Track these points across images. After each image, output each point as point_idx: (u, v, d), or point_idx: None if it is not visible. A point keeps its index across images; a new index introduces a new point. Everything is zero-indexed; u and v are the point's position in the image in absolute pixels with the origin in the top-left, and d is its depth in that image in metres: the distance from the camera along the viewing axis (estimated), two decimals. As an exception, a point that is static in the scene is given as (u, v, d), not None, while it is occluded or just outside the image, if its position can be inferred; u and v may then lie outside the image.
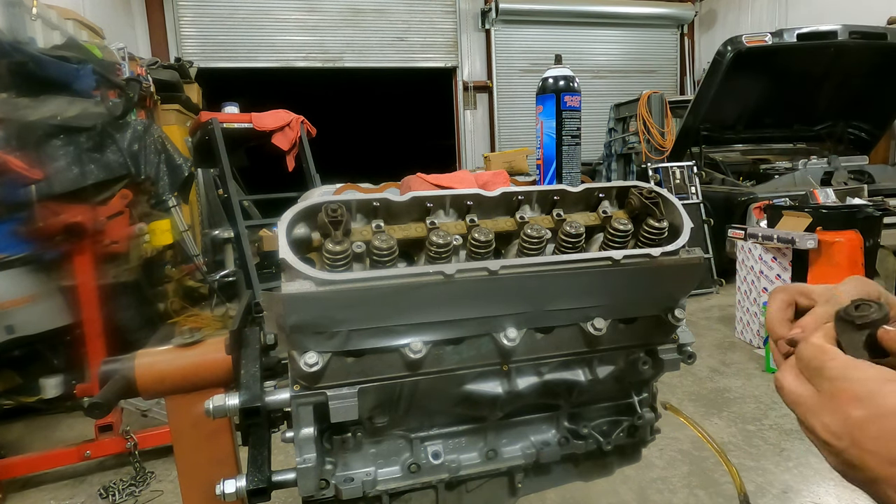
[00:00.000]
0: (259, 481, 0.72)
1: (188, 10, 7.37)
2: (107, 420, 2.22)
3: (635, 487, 2.01)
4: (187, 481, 0.93)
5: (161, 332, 3.36)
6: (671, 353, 0.84)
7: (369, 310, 0.65)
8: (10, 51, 2.48)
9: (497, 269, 0.67)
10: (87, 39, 4.09)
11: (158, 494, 2.13)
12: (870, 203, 3.35)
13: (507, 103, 8.56)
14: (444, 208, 0.76)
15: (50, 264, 2.39)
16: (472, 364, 0.75)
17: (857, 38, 4.79)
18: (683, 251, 0.74)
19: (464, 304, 0.69)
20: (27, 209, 2.25)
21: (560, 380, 0.82)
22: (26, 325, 2.45)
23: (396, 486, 0.82)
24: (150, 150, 2.70)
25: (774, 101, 5.47)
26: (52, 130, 2.40)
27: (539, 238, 0.72)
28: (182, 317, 3.79)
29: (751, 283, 3.48)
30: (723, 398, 2.79)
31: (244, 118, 3.77)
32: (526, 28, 8.44)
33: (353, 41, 7.94)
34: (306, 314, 0.63)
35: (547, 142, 1.82)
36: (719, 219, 4.60)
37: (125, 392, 0.85)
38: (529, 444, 0.90)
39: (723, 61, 4.79)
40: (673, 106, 6.83)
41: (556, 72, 1.81)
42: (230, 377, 0.88)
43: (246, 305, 0.97)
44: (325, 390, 0.69)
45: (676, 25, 9.04)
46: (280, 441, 0.77)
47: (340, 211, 0.67)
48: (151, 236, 3.00)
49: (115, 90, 2.99)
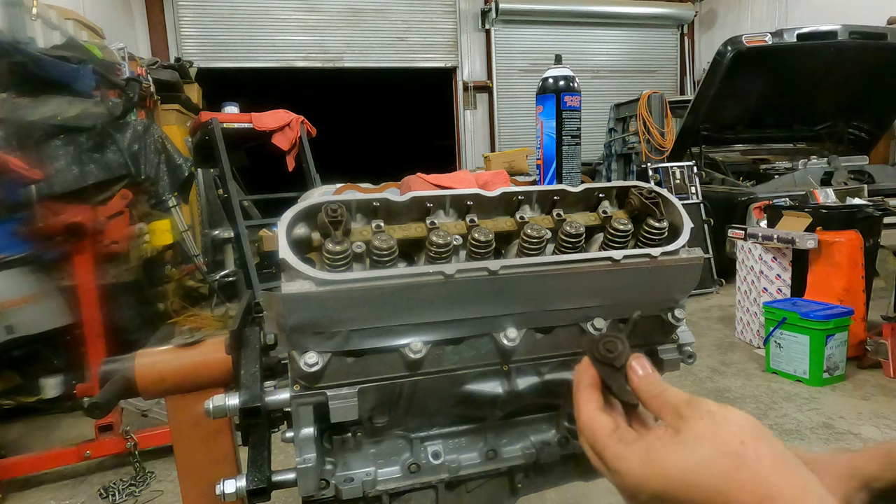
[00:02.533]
0: (259, 481, 0.72)
1: (188, 10, 7.37)
2: (107, 420, 2.22)
3: (635, 487, 2.01)
4: (187, 481, 0.93)
5: (161, 332, 3.36)
6: (671, 353, 0.84)
7: (369, 310, 0.65)
8: (10, 51, 2.48)
9: (497, 269, 0.67)
10: (87, 39, 4.10)
11: (158, 494, 2.13)
12: (870, 203, 3.34)
13: (507, 103, 8.56)
14: (444, 208, 0.76)
15: (50, 264, 2.39)
16: (472, 364, 0.75)
17: (857, 38, 4.79)
18: (683, 251, 0.74)
19: (464, 304, 0.69)
20: (27, 209, 2.24)
21: (560, 380, 0.82)
22: (26, 325, 2.45)
23: (396, 486, 0.82)
24: (150, 150, 2.70)
25: (774, 101, 5.47)
26: (52, 130, 2.40)
27: (539, 238, 0.72)
28: (182, 317, 3.79)
29: (751, 283, 3.48)
30: (723, 398, 2.79)
31: (244, 118, 3.77)
32: (526, 28, 8.45)
33: (353, 41, 7.94)
34: (306, 314, 0.63)
35: (547, 142, 1.82)
36: (719, 219, 4.60)
37: (125, 392, 0.85)
38: (529, 444, 0.90)
39: (723, 61, 4.79)
40: (673, 106, 6.83)
41: (556, 72, 1.81)
42: (230, 377, 0.88)
43: (246, 305, 0.97)
44: (325, 390, 0.69)
45: (676, 25, 9.04)
46: (280, 441, 0.77)
47: (340, 211, 0.67)
48: (151, 236, 3.00)
49: (115, 90, 2.99)
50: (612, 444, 0.45)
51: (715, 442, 0.41)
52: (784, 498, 0.37)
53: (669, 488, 0.41)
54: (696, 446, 0.41)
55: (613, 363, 0.48)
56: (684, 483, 0.41)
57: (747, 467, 0.39)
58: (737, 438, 0.41)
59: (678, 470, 0.41)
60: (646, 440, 0.44)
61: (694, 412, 0.43)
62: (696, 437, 0.42)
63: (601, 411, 0.48)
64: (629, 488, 0.44)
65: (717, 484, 0.39)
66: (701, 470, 0.40)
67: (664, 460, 0.42)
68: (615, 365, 0.48)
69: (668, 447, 0.42)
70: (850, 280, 3.01)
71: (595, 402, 0.49)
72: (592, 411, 0.48)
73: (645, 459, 0.43)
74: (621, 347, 0.49)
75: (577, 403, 0.50)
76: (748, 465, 0.39)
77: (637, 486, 0.43)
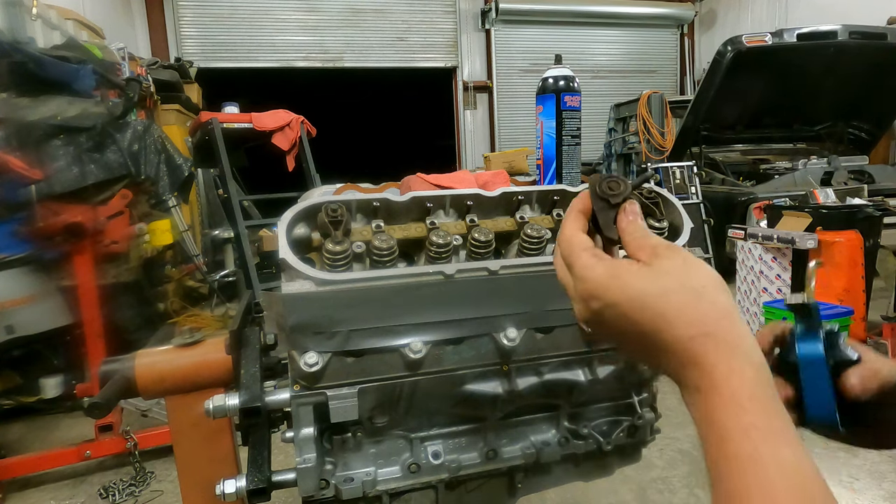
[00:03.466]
0: (259, 481, 0.72)
1: (188, 10, 7.37)
2: (107, 420, 2.22)
3: (635, 487, 2.01)
4: (187, 481, 0.92)
5: (161, 332, 3.36)
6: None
7: (369, 310, 0.65)
8: (10, 51, 2.48)
9: (497, 269, 0.67)
10: (87, 39, 4.10)
11: (158, 494, 2.13)
12: (870, 203, 3.34)
13: (507, 103, 8.56)
14: (444, 208, 0.76)
15: (50, 264, 2.39)
16: (472, 364, 0.75)
17: (857, 38, 4.79)
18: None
19: (464, 304, 0.69)
20: (27, 209, 2.25)
21: (560, 380, 0.82)
22: (26, 325, 2.45)
23: (396, 486, 0.82)
24: (150, 150, 2.70)
25: (774, 101, 5.47)
26: (52, 130, 2.40)
27: (539, 238, 0.72)
28: (182, 317, 3.79)
29: (751, 283, 3.48)
30: (723, 398, 2.78)
31: (244, 118, 3.77)
32: (526, 28, 8.44)
33: (353, 41, 7.94)
34: (306, 314, 0.63)
35: (547, 142, 1.82)
36: (719, 219, 4.60)
37: (125, 392, 0.85)
38: (529, 444, 0.90)
39: (723, 61, 4.79)
40: (673, 106, 6.83)
41: (556, 72, 1.81)
42: (230, 377, 0.88)
43: (246, 305, 0.97)
44: (325, 390, 0.69)
45: (676, 25, 9.04)
46: (280, 441, 0.77)
47: (340, 211, 0.67)
48: (151, 236, 3.00)
49: (115, 90, 2.99)
50: (585, 256, 0.48)
51: (680, 277, 0.44)
52: (723, 340, 0.41)
53: (622, 301, 0.44)
54: (661, 277, 0.44)
55: (609, 199, 0.50)
56: (637, 301, 0.44)
57: (699, 305, 0.42)
58: (700, 282, 0.43)
59: (637, 290, 0.44)
60: (617, 261, 0.47)
61: (670, 252, 0.46)
62: (664, 271, 0.44)
63: (582, 232, 0.51)
64: (586, 292, 0.47)
65: (666, 311, 0.42)
66: (657, 295, 0.43)
67: (629, 278, 0.45)
68: (611, 202, 0.50)
69: (636, 272, 0.45)
70: (850, 280, 3.01)
71: (581, 225, 0.51)
72: (575, 230, 0.51)
73: (612, 273, 0.46)
74: (622, 189, 0.50)
75: (564, 223, 0.52)
76: (701, 304, 0.42)
77: (594, 291, 0.46)
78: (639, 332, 0.44)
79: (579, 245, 0.49)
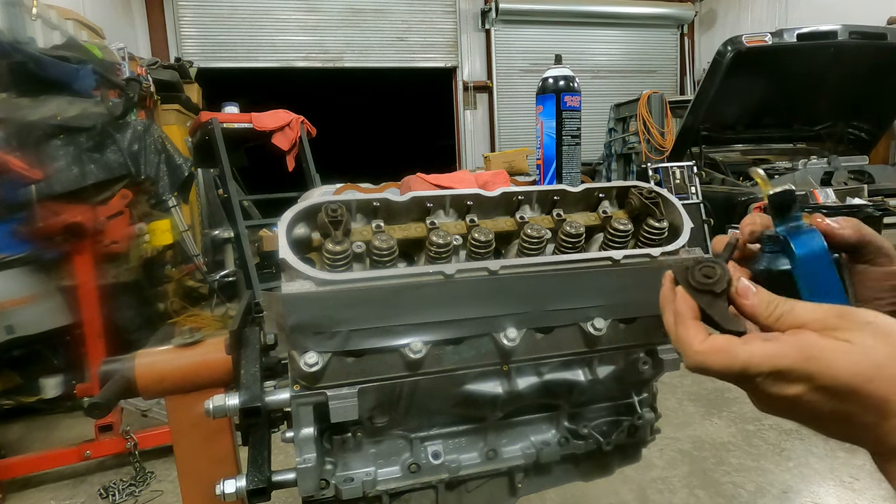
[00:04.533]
0: (259, 481, 0.72)
1: (188, 10, 7.37)
2: (107, 420, 2.22)
3: (635, 487, 2.01)
4: (187, 481, 0.92)
5: (161, 332, 3.36)
6: (671, 353, 0.84)
7: (369, 310, 0.65)
8: (10, 51, 2.48)
9: (497, 269, 0.67)
10: (87, 39, 4.09)
11: (158, 494, 2.13)
12: (870, 203, 3.35)
13: (507, 103, 8.56)
14: (444, 208, 0.76)
15: (50, 264, 2.39)
16: (472, 364, 0.75)
17: (857, 38, 4.78)
18: (684, 251, 0.74)
19: (464, 304, 0.69)
20: (27, 209, 2.25)
21: (560, 380, 0.82)
22: (26, 325, 2.45)
23: (396, 486, 0.82)
24: (150, 150, 2.70)
25: (774, 101, 5.46)
26: (52, 130, 2.40)
27: (539, 238, 0.72)
28: (182, 317, 3.79)
29: (751, 283, 3.47)
30: (723, 398, 2.79)
31: (244, 118, 3.77)
32: (526, 28, 8.44)
33: (353, 41, 7.93)
34: (306, 314, 0.63)
35: (547, 142, 1.82)
36: (719, 219, 4.59)
37: (125, 392, 0.85)
38: (529, 444, 0.90)
39: (723, 61, 4.79)
40: (673, 106, 6.82)
41: (556, 72, 1.80)
42: (230, 377, 0.88)
43: (246, 305, 0.97)
44: (325, 390, 0.69)
45: (676, 25, 9.04)
46: (280, 441, 0.77)
47: (340, 211, 0.67)
48: (151, 236, 3.00)
49: (115, 90, 2.99)
50: (756, 343, 0.41)
51: (887, 347, 0.39)
52: None
53: (839, 383, 0.39)
54: (866, 351, 0.39)
55: (713, 289, 0.43)
56: (858, 377, 0.39)
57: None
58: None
59: (848, 370, 0.39)
60: (797, 335, 0.41)
61: (851, 323, 0.40)
62: (865, 345, 0.39)
63: (710, 336, 0.44)
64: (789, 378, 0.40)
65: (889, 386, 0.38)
66: (874, 371, 0.38)
67: (831, 358, 0.39)
68: (715, 291, 0.43)
69: (833, 345, 0.39)
70: (850, 280, 3.00)
71: (703, 331, 0.44)
72: (705, 341, 0.44)
73: (806, 356, 0.40)
74: (720, 272, 0.44)
75: (685, 340, 0.45)
76: None
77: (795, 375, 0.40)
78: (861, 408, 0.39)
79: (728, 344, 0.42)
